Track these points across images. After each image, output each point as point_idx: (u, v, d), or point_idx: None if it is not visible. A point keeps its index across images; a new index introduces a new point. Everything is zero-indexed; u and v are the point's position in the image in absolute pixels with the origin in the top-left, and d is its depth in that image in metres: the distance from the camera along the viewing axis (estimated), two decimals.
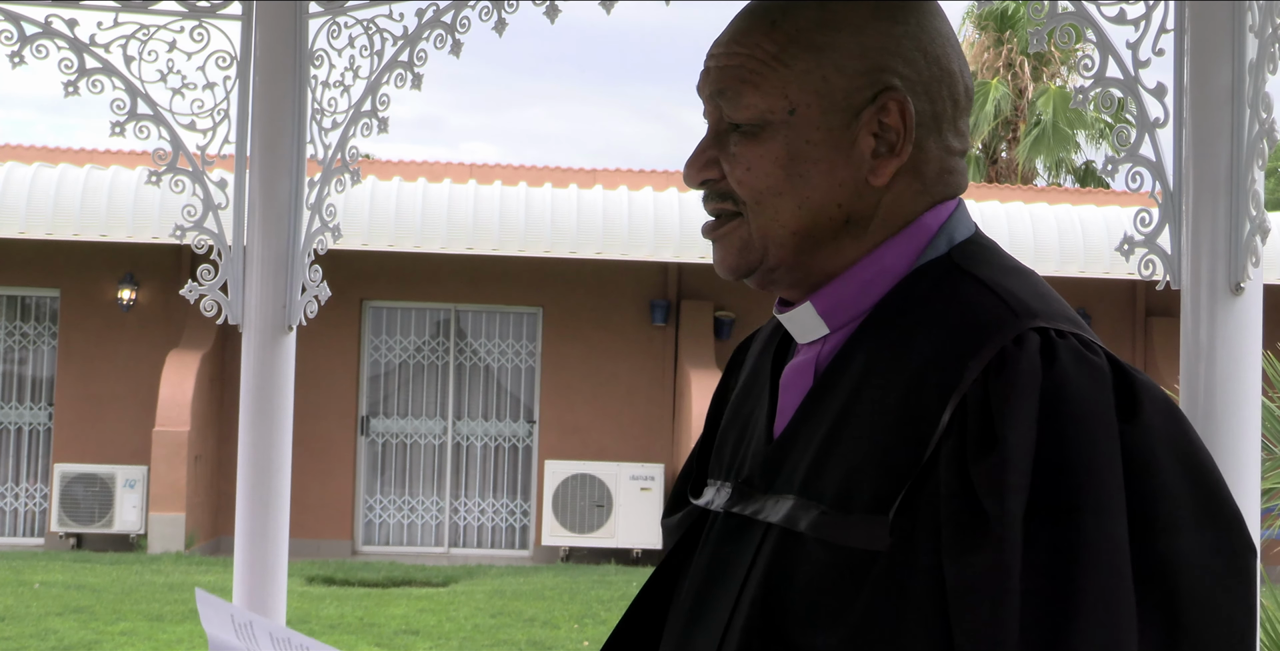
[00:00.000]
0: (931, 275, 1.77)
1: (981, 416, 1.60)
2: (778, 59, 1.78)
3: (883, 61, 1.78)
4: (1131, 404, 1.63)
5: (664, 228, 19.21)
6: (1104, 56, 3.34)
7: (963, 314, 1.69)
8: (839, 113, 1.77)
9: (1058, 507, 1.56)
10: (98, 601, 14.82)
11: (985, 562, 1.55)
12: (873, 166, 1.78)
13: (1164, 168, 3.27)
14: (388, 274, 20.31)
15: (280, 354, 4.51)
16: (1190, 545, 1.59)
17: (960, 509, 1.58)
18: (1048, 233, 19.50)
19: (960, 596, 1.56)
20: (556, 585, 16.97)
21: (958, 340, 1.66)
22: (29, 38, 4.43)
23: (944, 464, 1.61)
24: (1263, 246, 3.14)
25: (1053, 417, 1.59)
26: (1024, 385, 1.60)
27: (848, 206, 1.78)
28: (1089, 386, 1.61)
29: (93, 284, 20.26)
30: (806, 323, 1.82)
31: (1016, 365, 1.61)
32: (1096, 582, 1.54)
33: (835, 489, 1.68)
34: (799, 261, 1.80)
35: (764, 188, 1.78)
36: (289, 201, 4.49)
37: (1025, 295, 1.71)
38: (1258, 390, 3.24)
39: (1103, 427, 1.59)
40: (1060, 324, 1.67)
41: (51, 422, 20.40)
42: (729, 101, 1.80)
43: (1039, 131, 33.47)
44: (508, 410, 20.98)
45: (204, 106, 4.56)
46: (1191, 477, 1.62)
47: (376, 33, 4.42)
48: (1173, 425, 1.64)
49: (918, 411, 1.65)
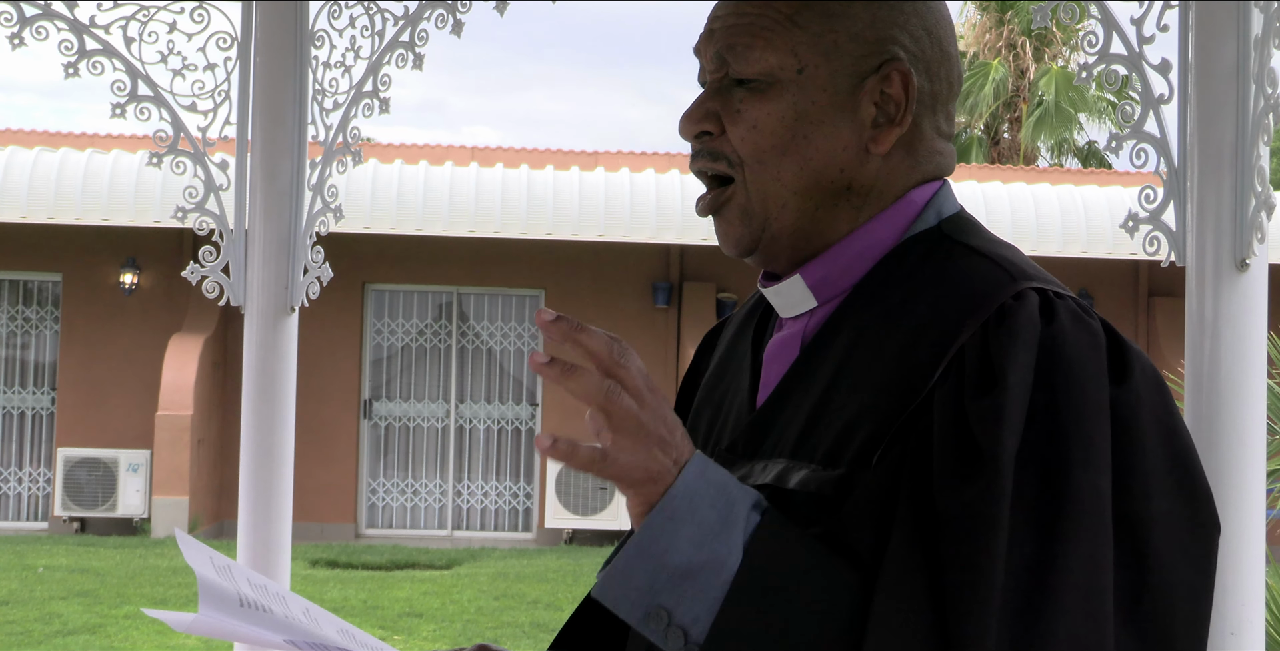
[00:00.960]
0: (922, 245, 1.79)
1: (981, 361, 1.63)
2: (791, 19, 1.78)
3: (891, 33, 1.80)
4: (1122, 369, 1.65)
5: (666, 210, 19.19)
6: (1108, 33, 3.33)
7: (960, 277, 1.72)
8: (845, 77, 1.79)
9: (1049, 456, 1.58)
10: (101, 585, 14.84)
11: (978, 493, 1.56)
12: (873, 135, 1.79)
13: (1168, 144, 3.26)
14: (390, 257, 20.30)
15: (283, 335, 4.50)
16: (1162, 511, 1.61)
17: (956, 444, 1.60)
18: (1050, 213, 19.48)
19: (951, 525, 1.57)
20: (560, 567, 16.98)
21: (955, 300, 1.69)
22: (29, 19, 4.41)
23: (938, 405, 1.63)
24: (1268, 223, 3.13)
25: (1048, 370, 1.61)
26: (1024, 335, 1.63)
27: (849, 173, 1.79)
28: (1085, 345, 1.64)
29: (95, 268, 20.25)
30: (794, 296, 1.83)
31: (1016, 317, 1.64)
32: (1083, 532, 1.56)
33: (826, 447, 1.70)
34: (800, 226, 1.80)
35: (768, 146, 1.78)
36: (290, 183, 4.48)
37: (1020, 262, 1.74)
38: (1263, 367, 3.23)
39: (1095, 386, 1.62)
40: (1056, 288, 1.70)
41: (54, 407, 20.41)
42: (737, 56, 1.80)
43: (1041, 112, 33.43)
44: (510, 393, 20.99)
45: (205, 88, 4.55)
46: (1170, 448, 1.65)
47: (377, 13, 4.41)
48: (1158, 395, 1.67)
49: (911, 365, 1.67)
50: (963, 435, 1.60)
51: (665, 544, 1.53)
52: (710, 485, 1.55)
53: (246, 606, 1.74)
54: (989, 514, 1.55)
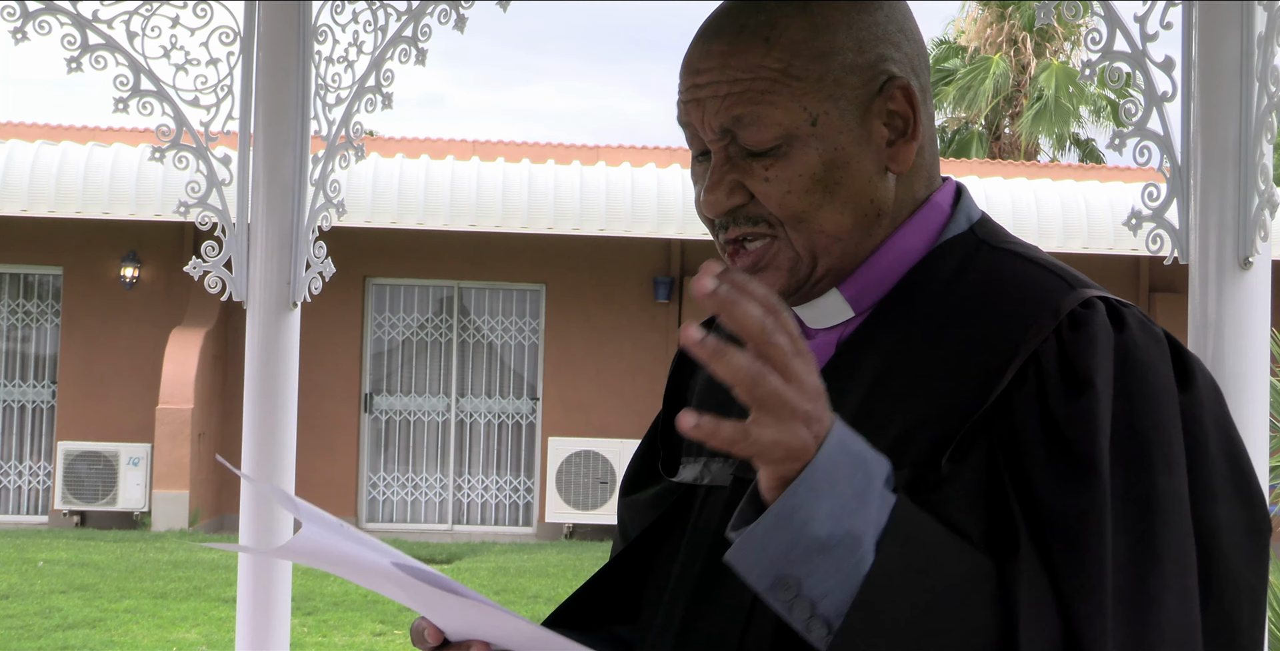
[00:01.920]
0: (958, 251, 1.79)
1: (1063, 365, 1.63)
2: (786, 73, 1.74)
3: (879, 51, 1.78)
4: (1185, 375, 1.67)
5: (667, 204, 19.19)
6: (1111, 30, 3.33)
7: (1015, 283, 1.72)
8: (854, 111, 1.76)
9: (1131, 458, 1.60)
10: (102, 579, 14.84)
11: (1086, 497, 1.58)
12: (891, 154, 1.78)
13: (1172, 142, 3.26)
14: (391, 251, 20.30)
15: (284, 330, 4.50)
16: (1226, 515, 1.64)
17: (1052, 449, 1.61)
18: (1051, 209, 19.48)
19: (1060, 528, 1.58)
20: (560, 562, 16.99)
21: (1015, 305, 1.69)
22: (31, 14, 4.41)
23: (1019, 408, 1.63)
24: (1272, 221, 3.14)
25: (1124, 377, 1.63)
26: (1102, 342, 1.64)
27: (878, 199, 1.78)
28: (1154, 353, 1.66)
29: (96, 262, 20.25)
30: (828, 309, 1.82)
31: (1092, 323, 1.65)
32: (1173, 534, 1.59)
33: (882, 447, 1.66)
34: (843, 264, 1.78)
35: (807, 203, 1.75)
36: (293, 177, 4.48)
37: (1069, 268, 1.75)
38: (1265, 365, 3.23)
39: (1166, 391, 1.64)
40: (1113, 295, 1.72)
41: (55, 400, 20.41)
42: (747, 127, 1.75)
43: (1041, 107, 33.42)
44: (511, 387, 20.99)
45: (207, 82, 4.55)
46: (1229, 453, 1.67)
47: (380, 7, 4.41)
48: (1217, 401, 1.69)
49: (976, 370, 1.67)
50: (1056, 439, 1.61)
51: (806, 515, 1.50)
52: (850, 456, 1.53)
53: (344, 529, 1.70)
54: (1098, 517, 1.57)
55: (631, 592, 1.95)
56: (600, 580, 1.97)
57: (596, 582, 1.97)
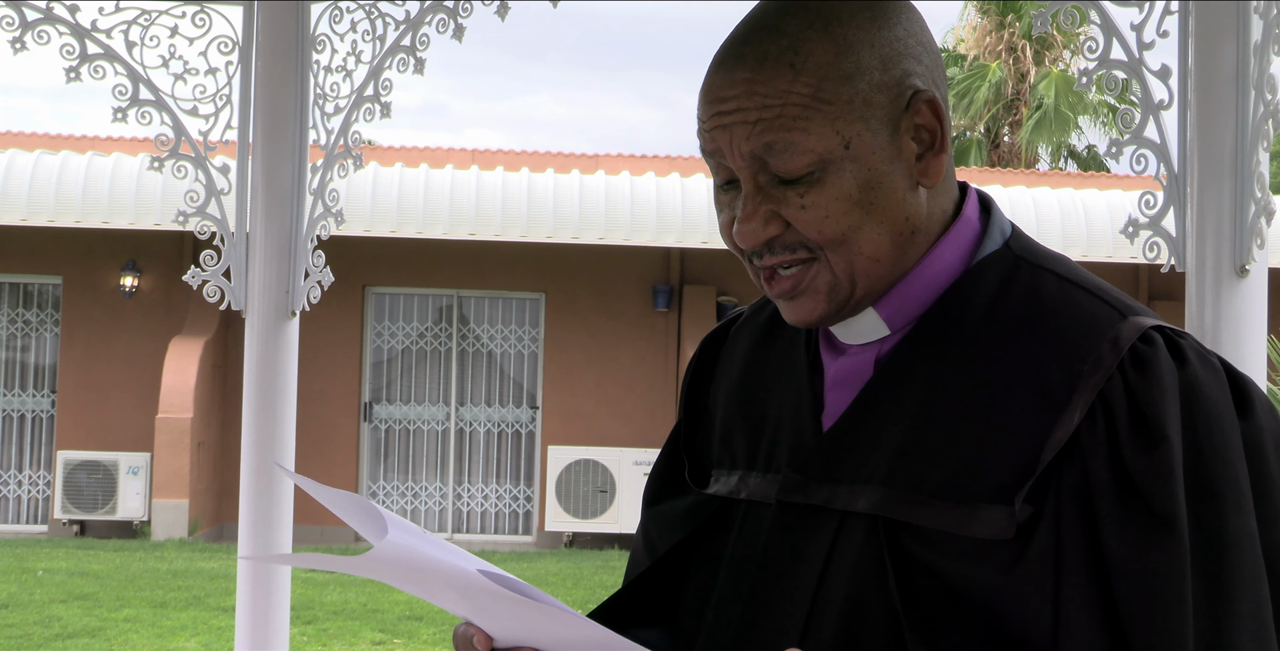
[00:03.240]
0: (997, 269, 1.78)
1: (1132, 411, 1.64)
2: (817, 98, 1.72)
3: (903, 67, 1.76)
4: (1244, 402, 1.69)
5: (666, 213, 19.19)
6: (1108, 38, 3.33)
7: (1064, 309, 1.72)
8: (884, 130, 1.74)
9: (1204, 501, 1.62)
10: (101, 588, 14.83)
11: (1168, 559, 1.60)
12: (922, 169, 1.76)
13: (1168, 150, 3.27)
14: (390, 260, 20.30)
15: (283, 339, 4.51)
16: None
17: (1127, 502, 1.62)
18: (1050, 217, 19.49)
19: (1141, 592, 1.60)
20: (560, 570, 16.98)
21: (1071, 334, 1.69)
22: (30, 23, 4.42)
23: (1090, 454, 1.63)
24: (1268, 228, 3.14)
25: (1191, 416, 1.64)
26: (1168, 383, 1.64)
27: (913, 216, 1.76)
28: (1216, 386, 1.67)
29: (95, 271, 20.25)
30: (864, 326, 1.80)
31: (1157, 364, 1.65)
32: (1245, 572, 1.61)
33: (938, 478, 1.68)
34: (881, 286, 1.77)
35: (846, 227, 1.73)
36: (291, 187, 4.48)
37: (1115, 292, 1.76)
38: (1263, 372, 3.24)
39: (1230, 425, 1.65)
40: (1163, 321, 1.72)
41: (54, 410, 20.40)
42: (779, 154, 1.72)
43: (1040, 115, 33.43)
44: (510, 396, 20.98)
45: (206, 92, 4.55)
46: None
47: (378, 17, 4.41)
48: (1275, 421, 1.71)
49: (1036, 403, 1.66)
50: (1131, 492, 1.62)
51: None
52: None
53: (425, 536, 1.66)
54: (1176, 578, 1.59)
55: (662, 601, 1.94)
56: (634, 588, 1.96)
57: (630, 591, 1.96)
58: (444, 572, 1.63)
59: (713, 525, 1.91)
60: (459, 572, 1.63)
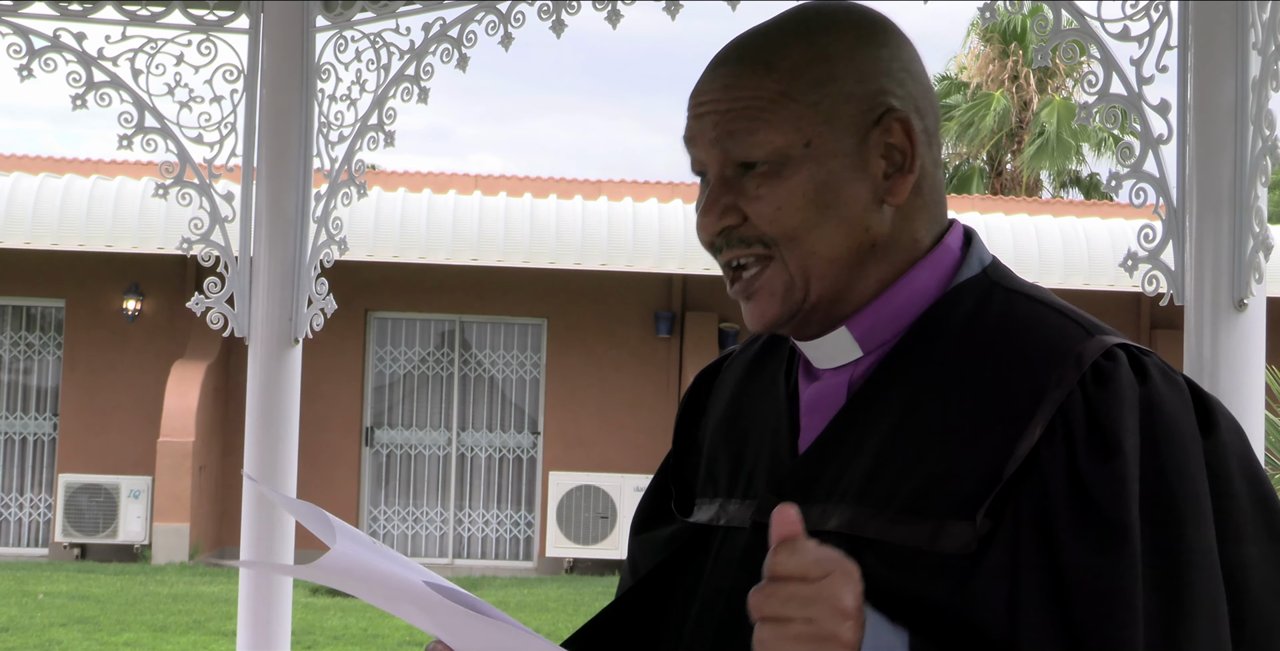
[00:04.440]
0: (972, 294, 1.80)
1: (1090, 423, 1.66)
2: (785, 95, 1.78)
3: (880, 84, 1.81)
4: (1208, 420, 1.70)
5: (668, 239, 19.22)
6: (1108, 73, 3.35)
7: (1032, 328, 1.75)
8: (850, 138, 1.79)
9: (1164, 517, 1.63)
10: (102, 612, 14.82)
11: (1115, 564, 1.61)
12: (888, 187, 1.80)
13: (1167, 184, 3.28)
14: (392, 285, 20.32)
15: (286, 366, 4.52)
16: (1255, 554, 1.68)
17: (1081, 512, 1.63)
18: (1052, 245, 19.51)
19: (1087, 594, 1.61)
20: (560, 596, 16.96)
21: (1037, 352, 1.71)
22: (37, 51, 4.45)
23: (1048, 467, 1.65)
24: (1266, 263, 3.15)
25: (1150, 430, 1.66)
26: (1127, 397, 1.66)
27: (873, 230, 1.80)
28: (1177, 403, 1.69)
29: (98, 294, 20.27)
30: (837, 348, 1.83)
31: (1117, 378, 1.67)
32: (1203, 588, 1.62)
33: (906, 495, 1.70)
34: (836, 294, 1.80)
35: (797, 223, 1.78)
36: (295, 214, 4.50)
37: (1083, 313, 1.78)
38: (1261, 405, 3.25)
39: (1191, 442, 1.67)
40: (1128, 340, 1.73)
41: (56, 433, 20.41)
42: (739, 142, 1.79)
43: (1043, 143, 33.46)
44: (512, 421, 20.98)
45: (211, 119, 4.58)
46: (1255, 491, 1.71)
47: (383, 47, 4.44)
48: (1240, 441, 1.73)
49: (1001, 418, 1.69)
50: (1086, 502, 1.63)
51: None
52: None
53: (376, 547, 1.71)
54: (1127, 584, 1.60)
55: (641, 628, 1.96)
56: (610, 613, 1.98)
57: (606, 616, 1.98)
58: (391, 584, 1.66)
59: (693, 551, 1.94)
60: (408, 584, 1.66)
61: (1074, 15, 3.37)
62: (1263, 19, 3.13)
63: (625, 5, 3.98)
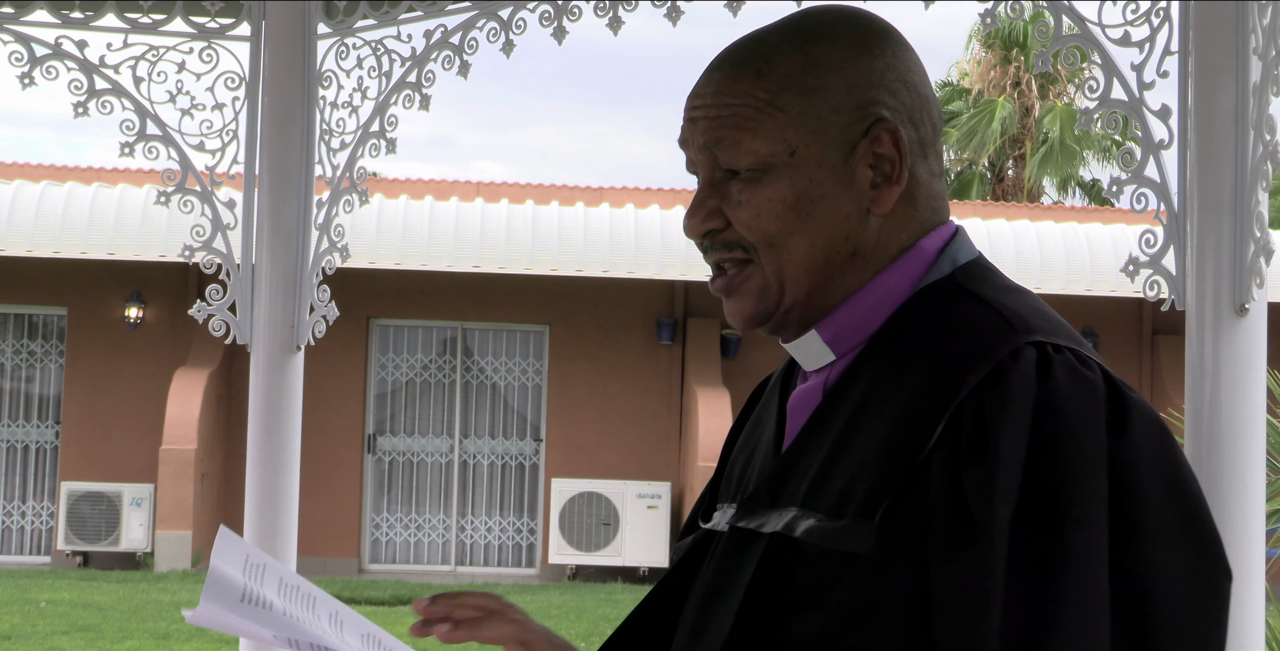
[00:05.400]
0: (935, 295, 1.81)
1: (975, 426, 1.65)
2: (772, 104, 1.81)
3: (870, 95, 1.82)
4: (1121, 421, 1.66)
5: (670, 246, 19.22)
6: (1109, 78, 3.36)
7: (963, 329, 1.74)
8: (836, 148, 1.81)
9: (1043, 518, 1.60)
10: (104, 620, 14.82)
11: (971, 566, 1.60)
12: (874, 197, 1.81)
13: (1168, 189, 3.29)
14: (394, 292, 20.32)
15: (288, 374, 4.52)
16: (1168, 565, 1.63)
17: (949, 513, 1.63)
18: (1054, 251, 19.51)
19: (944, 598, 1.61)
20: (563, 603, 16.96)
21: (958, 354, 1.71)
22: (39, 59, 4.45)
23: (935, 470, 1.65)
24: (1267, 268, 3.16)
25: (1044, 430, 1.63)
26: (1018, 397, 1.64)
27: (854, 239, 1.81)
28: (1081, 401, 1.66)
29: (100, 302, 20.28)
30: (813, 350, 1.86)
31: (1011, 378, 1.66)
32: (1076, 593, 1.58)
33: (833, 497, 1.73)
34: (811, 299, 1.83)
35: (774, 230, 1.80)
36: (297, 222, 4.51)
37: (1025, 312, 1.75)
38: (1262, 411, 3.25)
39: (1092, 442, 1.64)
40: (1058, 339, 1.71)
41: (58, 441, 20.41)
42: (726, 150, 1.82)
43: (1046, 149, 33.48)
44: (514, 428, 20.98)
45: (213, 127, 4.58)
46: (1175, 498, 1.66)
47: (384, 54, 4.44)
48: (1160, 445, 1.68)
49: (917, 422, 1.69)
50: (958, 504, 1.63)
51: None
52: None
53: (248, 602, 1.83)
54: (981, 586, 1.59)
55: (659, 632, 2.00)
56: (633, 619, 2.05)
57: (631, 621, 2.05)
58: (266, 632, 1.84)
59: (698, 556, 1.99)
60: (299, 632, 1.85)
61: (1074, 21, 3.37)
62: (1263, 24, 3.14)
63: (626, 11, 3.99)
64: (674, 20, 3.92)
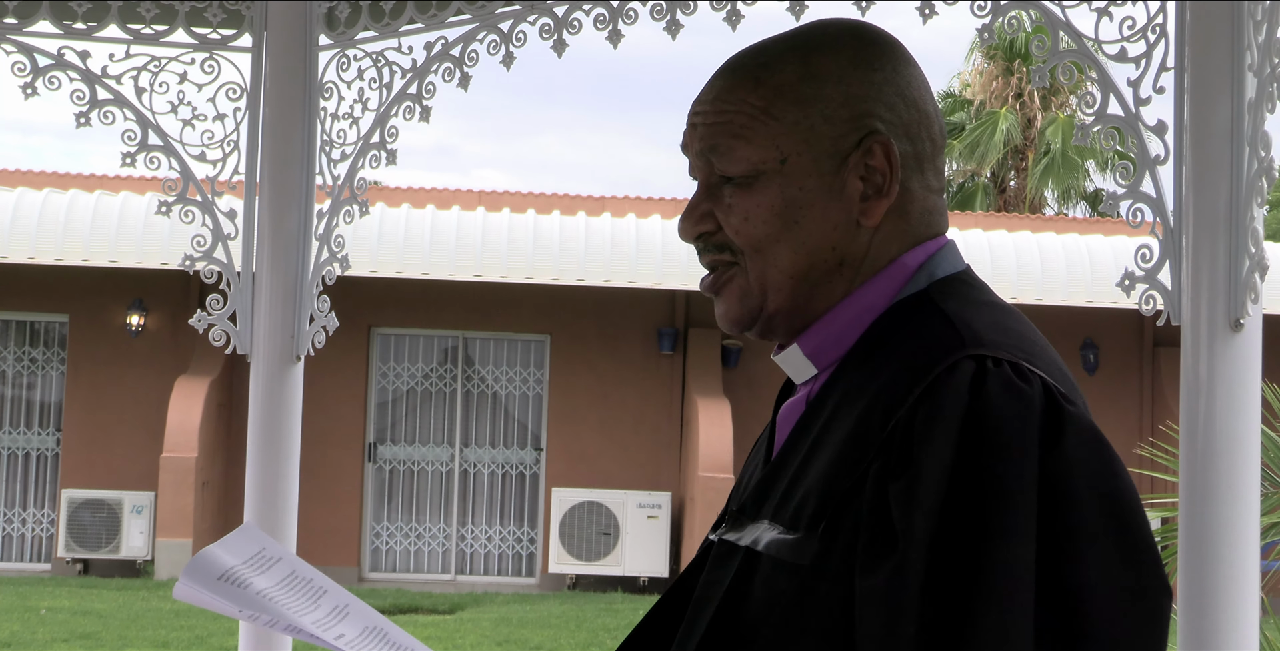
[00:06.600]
0: (908, 310, 1.82)
1: (904, 439, 1.66)
2: (766, 113, 1.83)
3: (866, 108, 1.83)
4: (1056, 434, 1.66)
5: (672, 255, 19.23)
6: (1105, 94, 3.37)
7: (918, 344, 1.75)
8: (828, 159, 1.83)
9: (966, 530, 1.61)
10: (104, 627, 14.82)
11: (887, 577, 1.61)
12: (863, 208, 1.83)
13: (1164, 204, 3.30)
14: (395, 301, 20.34)
15: (288, 384, 4.53)
16: (1099, 579, 1.62)
17: (874, 526, 1.65)
18: (1055, 262, 19.51)
19: (863, 610, 1.63)
20: (563, 613, 16.95)
21: (907, 369, 1.72)
22: (41, 69, 4.46)
23: (870, 483, 1.67)
24: (1262, 283, 3.17)
25: (972, 443, 1.63)
26: (947, 410, 1.65)
27: (841, 249, 1.83)
28: (1013, 414, 1.65)
29: (101, 309, 20.30)
30: (797, 363, 1.88)
31: (942, 393, 1.66)
32: (994, 606, 1.58)
33: (792, 510, 1.75)
34: (795, 306, 1.85)
35: (761, 235, 1.83)
36: (298, 232, 4.52)
37: (980, 325, 1.75)
38: (1257, 424, 3.26)
39: (1020, 455, 1.63)
40: (1002, 353, 1.70)
41: (59, 448, 20.42)
42: (721, 156, 1.85)
43: (1048, 160, 33.51)
44: (515, 437, 20.99)
45: (214, 137, 4.59)
46: (1109, 512, 1.66)
47: (385, 66, 4.45)
48: (1096, 458, 1.67)
49: (865, 436, 1.71)
50: (882, 517, 1.64)
51: None
52: None
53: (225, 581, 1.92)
54: (897, 597, 1.60)
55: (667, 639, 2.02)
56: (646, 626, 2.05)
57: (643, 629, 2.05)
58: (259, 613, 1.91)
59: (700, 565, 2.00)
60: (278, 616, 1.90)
61: (1071, 36, 3.38)
62: (1258, 41, 3.15)
63: (626, 24, 4.00)
64: (673, 34, 3.93)
